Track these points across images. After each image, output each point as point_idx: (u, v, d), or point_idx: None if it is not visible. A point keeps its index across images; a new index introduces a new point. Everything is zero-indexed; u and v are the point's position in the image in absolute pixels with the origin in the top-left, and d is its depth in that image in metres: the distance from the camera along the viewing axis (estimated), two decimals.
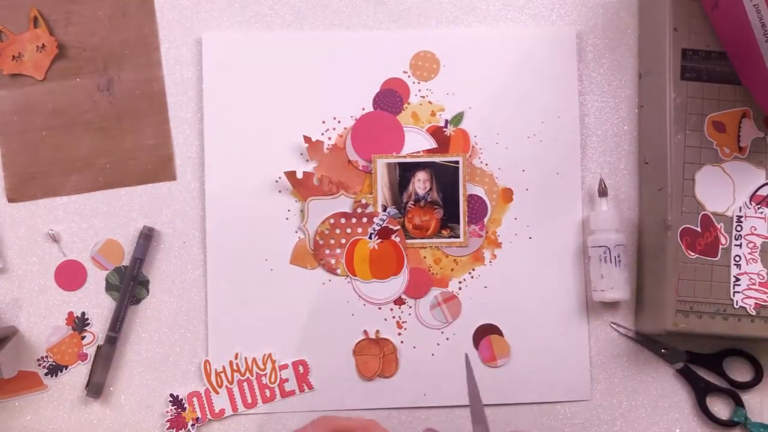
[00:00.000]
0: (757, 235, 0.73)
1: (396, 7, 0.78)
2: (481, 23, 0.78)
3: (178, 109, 0.77)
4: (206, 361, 0.75)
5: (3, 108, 0.76)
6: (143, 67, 0.77)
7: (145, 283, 0.76)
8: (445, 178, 0.76)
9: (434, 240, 0.76)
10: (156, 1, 0.78)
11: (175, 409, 0.74)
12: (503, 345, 0.76)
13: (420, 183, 0.76)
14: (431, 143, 0.77)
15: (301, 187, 0.76)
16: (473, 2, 0.78)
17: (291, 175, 0.75)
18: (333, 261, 0.76)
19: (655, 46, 0.74)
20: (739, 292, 0.72)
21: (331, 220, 0.76)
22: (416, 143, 0.77)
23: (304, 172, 0.75)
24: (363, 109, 0.77)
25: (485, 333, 0.76)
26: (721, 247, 0.72)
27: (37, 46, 0.76)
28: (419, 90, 0.77)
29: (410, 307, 0.76)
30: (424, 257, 0.76)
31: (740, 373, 0.76)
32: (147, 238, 0.75)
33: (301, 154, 0.76)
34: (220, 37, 0.77)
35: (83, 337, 0.75)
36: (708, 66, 0.73)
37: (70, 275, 0.76)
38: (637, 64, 0.78)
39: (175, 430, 0.74)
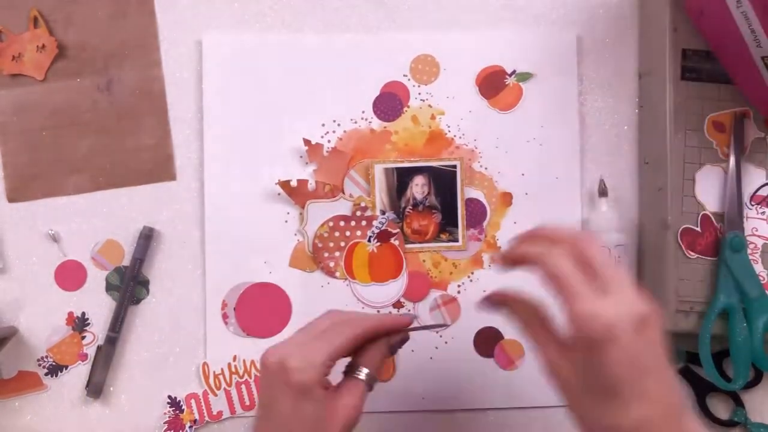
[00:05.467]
0: (758, 235, 0.73)
1: (396, 10, 0.78)
2: (481, 25, 0.78)
3: (178, 109, 0.77)
4: (204, 364, 0.75)
5: (3, 108, 0.76)
6: (143, 67, 0.77)
7: (145, 283, 0.76)
8: (443, 182, 0.76)
9: (433, 244, 0.76)
10: (156, 1, 0.77)
11: (173, 410, 0.74)
12: (516, 346, 0.75)
13: (418, 187, 0.76)
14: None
15: (297, 195, 0.75)
16: (473, 4, 0.78)
17: (285, 184, 0.75)
18: (332, 264, 0.76)
19: (655, 46, 0.74)
20: None
21: (330, 223, 0.76)
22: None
23: (298, 180, 0.75)
24: (363, 112, 0.77)
25: (487, 337, 0.75)
26: None
27: (37, 47, 0.76)
28: (419, 93, 0.77)
29: (409, 310, 0.76)
30: (423, 261, 0.76)
31: None
32: (147, 238, 0.75)
33: (301, 156, 0.76)
34: (220, 38, 0.77)
35: (83, 337, 0.76)
36: (708, 66, 0.73)
37: (70, 275, 0.76)
38: (637, 64, 0.78)
39: (172, 431, 0.74)
